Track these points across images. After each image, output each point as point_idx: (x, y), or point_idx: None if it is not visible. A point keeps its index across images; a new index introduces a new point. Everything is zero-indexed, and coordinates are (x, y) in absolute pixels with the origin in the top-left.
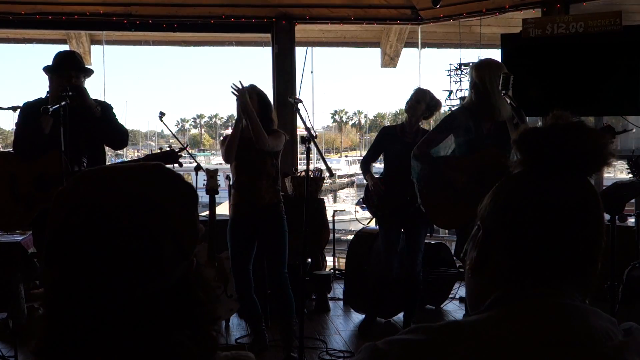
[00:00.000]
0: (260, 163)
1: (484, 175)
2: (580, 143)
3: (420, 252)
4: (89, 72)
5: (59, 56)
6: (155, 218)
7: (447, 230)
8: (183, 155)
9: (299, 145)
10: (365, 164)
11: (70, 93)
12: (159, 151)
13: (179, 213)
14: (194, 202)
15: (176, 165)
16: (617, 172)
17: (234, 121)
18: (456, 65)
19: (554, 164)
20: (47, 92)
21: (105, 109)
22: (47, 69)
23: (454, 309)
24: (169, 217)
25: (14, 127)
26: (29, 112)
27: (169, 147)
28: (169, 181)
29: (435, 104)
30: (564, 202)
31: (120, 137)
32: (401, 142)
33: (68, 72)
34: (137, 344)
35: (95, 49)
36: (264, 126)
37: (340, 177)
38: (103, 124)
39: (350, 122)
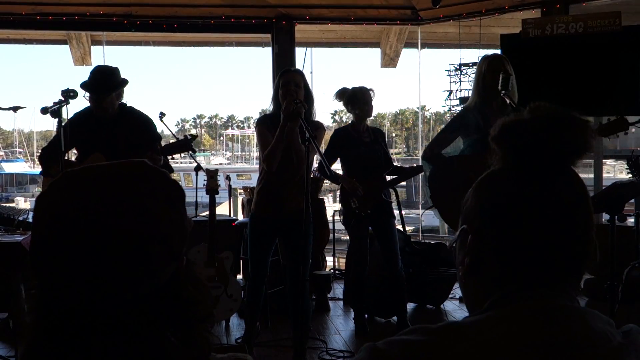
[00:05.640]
0: (292, 166)
1: None
2: (560, 132)
3: (397, 244)
4: (124, 83)
5: (94, 78)
6: (141, 220)
7: (447, 230)
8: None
9: None
10: (329, 170)
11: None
12: (175, 140)
13: (165, 213)
14: (180, 199)
15: (176, 164)
16: (617, 172)
17: (234, 121)
18: (456, 66)
19: (535, 157)
20: (87, 107)
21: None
22: (84, 87)
23: (454, 309)
24: (156, 218)
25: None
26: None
27: (184, 136)
28: (154, 180)
29: (362, 93)
30: (551, 197)
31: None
32: (362, 142)
33: (103, 94)
34: (127, 347)
35: (95, 50)
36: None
37: None
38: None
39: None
